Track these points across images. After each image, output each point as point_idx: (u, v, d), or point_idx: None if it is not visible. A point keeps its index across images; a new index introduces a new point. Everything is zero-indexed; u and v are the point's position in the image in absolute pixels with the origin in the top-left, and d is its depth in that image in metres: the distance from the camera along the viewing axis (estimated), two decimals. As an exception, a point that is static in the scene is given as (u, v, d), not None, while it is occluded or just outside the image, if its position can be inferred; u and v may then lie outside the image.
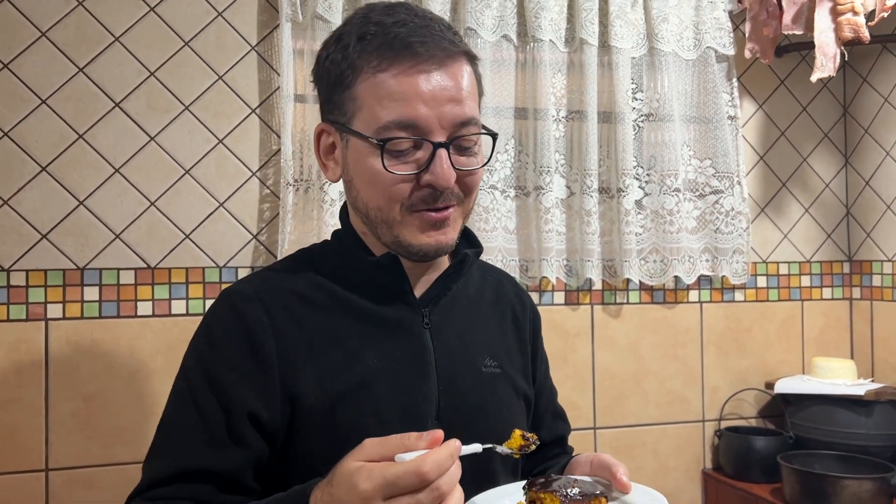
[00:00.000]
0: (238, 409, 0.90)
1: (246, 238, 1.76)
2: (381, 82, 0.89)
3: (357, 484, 0.69)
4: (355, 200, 0.97)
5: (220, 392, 0.91)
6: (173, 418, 0.94)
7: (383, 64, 0.89)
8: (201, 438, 0.90)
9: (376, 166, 0.90)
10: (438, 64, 0.90)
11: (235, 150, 1.76)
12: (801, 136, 2.22)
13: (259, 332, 0.93)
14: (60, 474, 1.63)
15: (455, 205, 0.95)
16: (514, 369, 1.09)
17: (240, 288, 0.98)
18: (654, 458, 2.05)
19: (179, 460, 0.89)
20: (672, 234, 2.02)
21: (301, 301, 0.97)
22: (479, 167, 0.96)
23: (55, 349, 1.64)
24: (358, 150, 0.92)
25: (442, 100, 0.89)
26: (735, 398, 2.12)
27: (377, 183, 0.91)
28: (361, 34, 0.91)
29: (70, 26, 1.65)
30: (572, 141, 1.99)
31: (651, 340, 2.06)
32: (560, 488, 0.83)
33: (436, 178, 0.89)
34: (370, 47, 0.90)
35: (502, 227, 1.92)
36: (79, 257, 1.66)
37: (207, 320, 0.99)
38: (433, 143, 0.89)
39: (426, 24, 0.92)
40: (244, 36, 1.77)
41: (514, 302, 1.16)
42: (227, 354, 0.93)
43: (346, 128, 0.93)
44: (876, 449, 1.85)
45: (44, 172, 1.64)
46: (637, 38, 2.01)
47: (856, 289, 2.23)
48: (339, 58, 0.93)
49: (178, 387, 0.96)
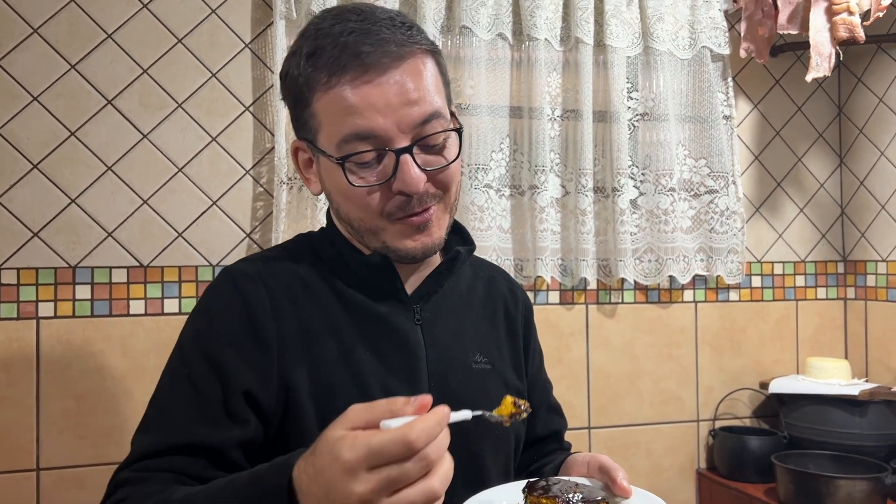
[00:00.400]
0: (235, 386, 0.89)
1: (239, 236, 1.76)
2: (333, 97, 0.87)
3: (340, 454, 0.64)
4: (338, 212, 0.97)
5: (217, 367, 0.90)
6: (167, 393, 0.92)
7: (333, 79, 0.87)
8: (195, 413, 0.88)
9: (343, 182, 0.89)
10: (390, 68, 0.87)
11: (229, 148, 1.75)
12: (795, 136, 2.22)
13: (260, 312, 0.92)
14: (51, 474, 1.62)
15: (434, 204, 0.93)
16: (505, 365, 1.09)
17: (242, 267, 0.98)
18: (648, 458, 2.05)
19: (171, 434, 0.87)
20: (667, 234, 2.01)
21: (302, 287, 0.97)
22: (449, 163, 0.93)
23: (46, 348, 1.62)
24: (326, 166, 0.92)
25: (397, 104, 0.87)
26: (729, 398, 2.12)
27: (350, 198, 0.91)
28: (311, 50, 0.89)
29: (62, 23, 1.64)
30: (567, 140, 1.98)
31: (646, 340, 2.06)
32: (561, 493, 0.81)
33: (405, 185, 0.88)
34: (320, 63, 0.88)
35: (497, 227, 1.91)
36: (70, 255, 1.65)
37: (207, 295, 0.97)
38: (395, 150, 0.87)
39: (375, 28, 0.88)
40: (238, 33, 1.76)
41: (507, 296, 1.15)
42: (227, 330, 0.92)
43: (313, 144, 0.92)
44: (870, 449, 1.85)
45: (35, 170, 1.63)
46: (632, 37, 2.01)
47: (850, 289, 2.23)
48: (296, 74, 0.91)
49: (173, 362, 0.94)
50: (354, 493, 0.64)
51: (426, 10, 1.81)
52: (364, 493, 0.63)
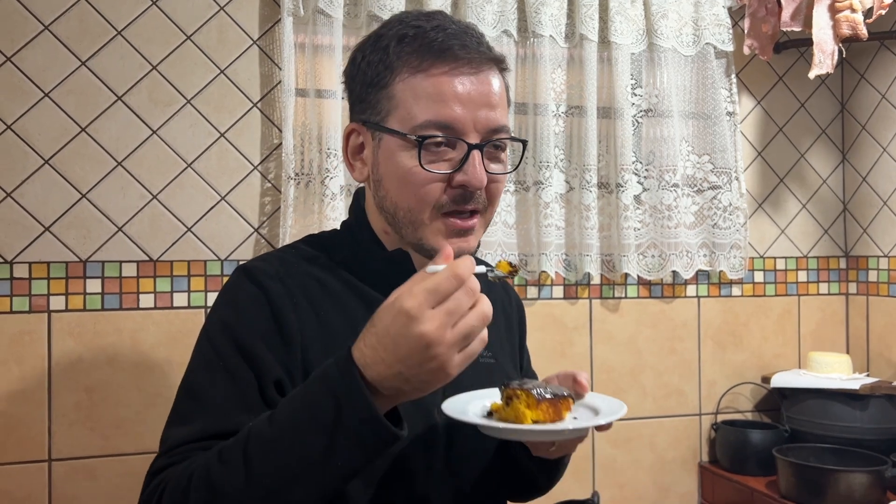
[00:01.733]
0: (268, 375, 0.90)
1: (247, 231, 1.78)
2: (419, 82, 0.91)
3: (402, 305, 0.71)
4: (383, 200, 0.98)
5: (251, 358, 0.91)
6: (203, 383, 0.92)
7: (423, 64, 0.91)
8: (235, 401, 0.88)
9: (410, 164, 0.92)
10: (475, 69, 0.92)
11: (237, 144, 1.77)
12: (798, 133, 2.23)
13: (283, 308, 0.94)
14: (63, 465, 1.64)
15: (480, 212, 0.97)
16: (506, 359, 1.14)
17: (261, 265, 0.99)
18: (651, 451, 2.07)
19: (214, 422, 0.87)
20: (670, 230, 2.03)
21: (318, 285, 0.99)
22: (507, 172, 0.99)
23: (58, 341, 1.65)
24: (390, 148, 0.94)
25: (478, 103, 0.92)
26: (732, 392, 2.14)
27: (409, 182, 0.93)
28: (401, 36, 0.93)
29: (73, 20, 1.66)
30: (572, 136, 2.00)
31: (649, 334, 2.08)
32: (534, 388, 0.89)
33: (469, 179, 0.91)
34: (409, 48, 0.92)
35: (502, 222, 1.93)
36: (81, 250, 1.67)
37: (231, 292, 0.98)
38: (468, 143, 0.91)
39: (464, 30, 0.94)
40: (246, 30, 1.78)
41: (503, 295, 1.20)
42: (255, 323, 0.93)
43: (381, 126, 0.94)
44: (870, 442, 1.87)
45: (46, 165, 1.65)
46: (637, 33, 2.02)
47: (852, 284, 2.25)
48: (377, 59, 0.95)
49: (204, 354, 0.94)
50: (426, 333, 0.70)
51: (432, 6, 1.82)
52: (433, 330, 0.70)
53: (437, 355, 0.72)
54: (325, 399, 0.75)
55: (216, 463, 0.79)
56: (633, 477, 2.06)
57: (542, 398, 0.88)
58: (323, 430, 0.74)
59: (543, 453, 0.99)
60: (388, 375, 0.73)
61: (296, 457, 0.75)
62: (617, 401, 0.95)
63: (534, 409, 0.87)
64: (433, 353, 0.71)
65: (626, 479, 2.05)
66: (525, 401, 0.87)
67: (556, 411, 0.88)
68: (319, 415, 0.75)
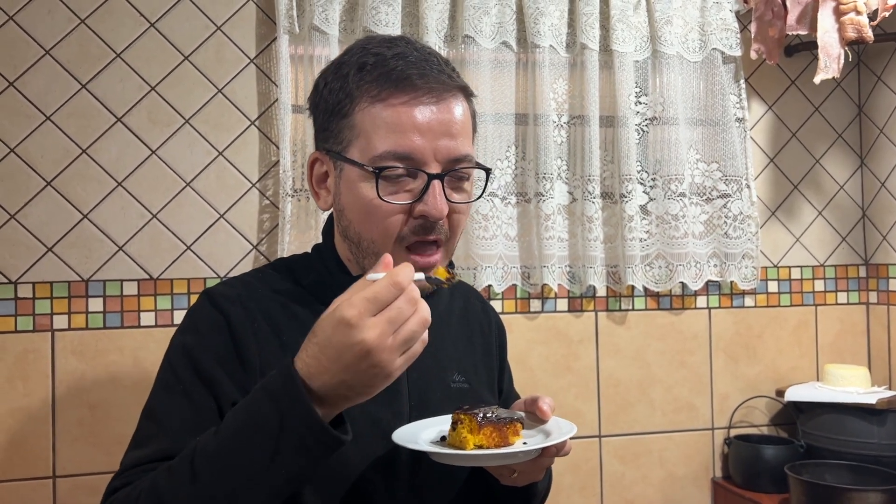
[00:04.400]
0: (225, 400, 0.91)
1: (246, 248, 1.79)
2: (378, 112, 0.91)
3: (342, 315, 0.72)
4: (346, 230, 0.98)
5: (209, 381, 0.92)
6: (161, 407, 0.93)
7: (383, 94, 0.91)
8: (190, 426, 0.89)
9: (370, 195, 0.91)
10: (436, 98, 0.92)
11: (235, 162, 1.78)
12: (813, 138, 2.16)
13: (242, 332, 0.95)
14: (67, 481, 1.67)
15: (442, 243, 0.96)
16: (481, 384, 1.12)
17: (223, 290, 1.00)
18: (661, 467, 2.02)
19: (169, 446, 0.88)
20: (677, 240, 1.99)
21: (281, 309, 0.99)
22: (469, 202, 0.98)
23: (61, 359, 1.68)
24: (351, 178, 0.94)
25: (438, 133, 0.91)
26: (746, 405, 2.08)
27: (371, 213, 0.92)
28: (361, 64, 0.93)
29: (72, 44, 1.69)
30: (574, 146, 1.97)
31: (657, 347, 2.04)
32: (480, 412, 0.88)
33: (429, 209, 0.91)
34: (369, 77, 0.92)
35: (503, 235, 1.91)
36: (83, 269, 1.70)
37: (193, 316, 1.00)
38: (428, 174, 0.91)
39: (425, 58, 0.94)
40: (243, 49, 1.80)
41: (481, 317, 1.18)
42: (214, 347, 0.94)
43: (342, 156, 0.94)
44: (889, 459, 1.80)
45: (49, 187, 1.68)
46: (640, 41, 1.99)
47: (872, 293, 2.17)
48: (338, 87, 0.95)
49: (165, 377, 0.96)
50: (366, 341, 0.71)
51: (429, 21, 1.82)
52: (374, 338, 0.71)
53: (379, 362, 0.73)
54: (268, 410, 0.76)
55: (164, 476, 0.80)
56: (642, 493, 2.01)
57: (485, 422, 0.86)
58: (267, 438, 0.75)
59: (508, 481, 0.97)
60: (332, 384, 0.74)
61: (241, 465, 0.76)
62: (567, 422, 0.94)
63: (476, 433, 0.86)
64: (376, 360, 0.73)
65: (635, 496, 2.01)
66: (468, 425, 0.87)
67: (500, 436, 0.87)
68: (264, 424, 0.76)
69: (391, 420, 0.98)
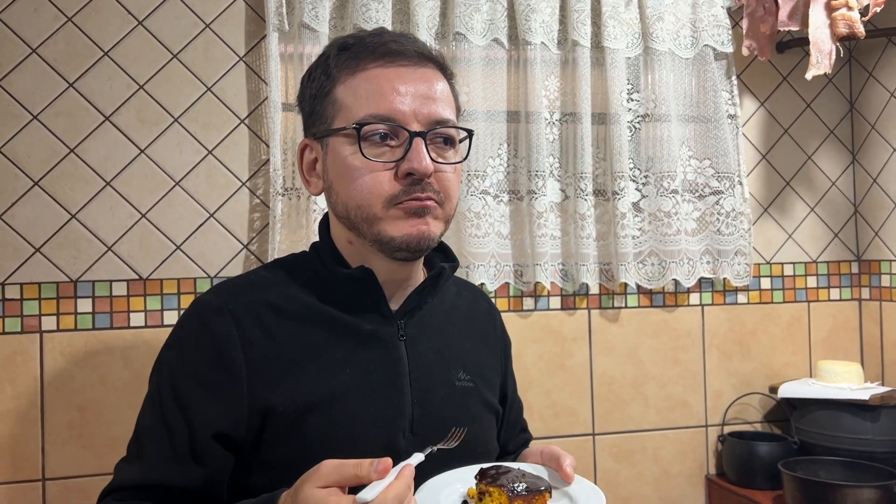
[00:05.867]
0: (203, 428, 0.92)
1: (237, 248, 1.77)
2: (358, 83, 0.93)
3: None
4: (335, 205, 0.98)
5: (186, 409, 0.93)
6: (145, 427, 0.96)
7: (360, 64, 0.93)
8: (167, 453, 0.92)
9: (355, 160, 0.92)
10: (414, 64, 0.94)
11: (225, 161, 1.77)
12: (805, 134, 2.16)
13: (228, 346, 0.94)
14: (57, 484, 1.65)
15: (435, 199, 0.95)
16: (485, 384, 1.10)
17: (209, 299, 0.99)
18: (655, 464, 2.02)
19: (149, 473, 0.92)
20: (670, 237, 1.98)
21: (273, 312, 0.98)
22: (456, 162, 0.98)
23: (50, 361, 1.66)
24: (335, 149, 0.95)
25: (416, 96, 0.93)
26: (739, 402, 2.07)
27: (354, 176, 0.93)
28: (340, 45, 0.96)
29: (60, 42, 1.68)
30: (566, 144, 1.96)
31: (651, 344, 2.03)
32: (507, 483, 0.86)
33: (413, 165, 0.91)
34: (350, 53, 0.95)
35: (495, 233, 1.90)
36: (72, 270, 1.68)
37: (178, 333, 1.00)
38: (409, 131, 0.92)
39: (402, 34, 0.97)
40: (232, 47, 1.78)
41: (487, 320, 1.18)
42: (196, 370, 0.94)
43: (327, 130, 0.96)
44: (883, 455, 1.80)
45: (36, 187, 1.66)
46: (631, 37, 1.98)
47: (864, 289, 2.17)
48: (319, 72, 0.97)
49: (151, 393, 0.98)
50: None
51: (419, 18, 1.80)
52: None
53: None
54: None
55: None
56: (637, 491, 2.01)
57: (516, 496, 0.84)
58: None
59: None
60: None
61: None
62: (594, 487, 0.92)
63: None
64: None
65: (630, 494, 2.00)
66: (497, 499, 0.85)
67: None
68: None
69: (394, 417, 0.97)
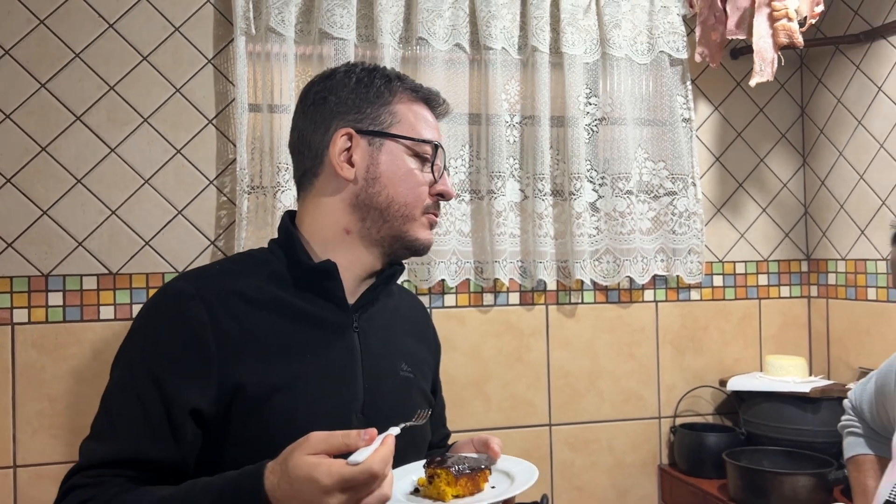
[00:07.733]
0: (179, 406, 0.96)
1: (204, 244, 1.84)
2: (418, 110, 1.12)
3: (319, 478, 0.81)
4: (374, 196, 1.08)
5: (162, 389, 0.97)
6: (116, 405, 0.99)
7: (419, 98, 1.13)
8: (142, 431, 0.95)
9: (413, 166, 1.10)
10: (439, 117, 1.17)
11: (193, 160, 1.83)
12: (758, 137, 2.25)
13: (199, 327, 0.99)
14: (28, 471, 1.71)
15: None
16: (423, 377, 1.21)
17: (180, 286, 1.04)
18: (610, 454, 2.10)
19: (121, 449, 0.95)
20: (624, 236, 2.06)
21: (241, 300, 1.04)
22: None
23: (21, 352, 1.72)
24: (394, 152, 1.09)
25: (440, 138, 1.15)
26: (691, 395, 2.16)
27: (410, 181, 1.09)
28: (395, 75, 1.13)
29: (32, 44, 1.73)
30: (525, 145, 2.03)
31: (606, 339, 2.11)
32: (453, 464, 0.98)
33: (447, 189, 1.13)
34: (405, 85, 1.13)
35: (456, 231, 1.97)
36: (43, 264, 1.74)
37: (150, 315, 1.04)
38: (445, 165, 1.13)
39: None
40: (201, 50, 1.84)
41: (424, 322, 1.30)
42: (170, 352, 0.98)
43: (387, 133, 1.09)
44: (822, 445, 1.89)
45: (9, 184, 1.72)
46: (590, 43, 2.06)
47: (813, 287, 2.26)
48: (380, 83, 1.11)
49: (121, 372, 1.01)
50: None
51: (383, 23, 1.87)
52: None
53: None
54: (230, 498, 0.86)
55: None
56: (592, 480, 2.09)
57: (461, 474, 0.97)
58: None
59: None
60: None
61: None
62: (528, 464, 1.06)
63: (453, 485, 0.97)
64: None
65: (584, 482, 2.08)
66: (445, 479, 0.97)
67: (474, 484, 0.99)
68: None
69: (348, 401, 1.05)
